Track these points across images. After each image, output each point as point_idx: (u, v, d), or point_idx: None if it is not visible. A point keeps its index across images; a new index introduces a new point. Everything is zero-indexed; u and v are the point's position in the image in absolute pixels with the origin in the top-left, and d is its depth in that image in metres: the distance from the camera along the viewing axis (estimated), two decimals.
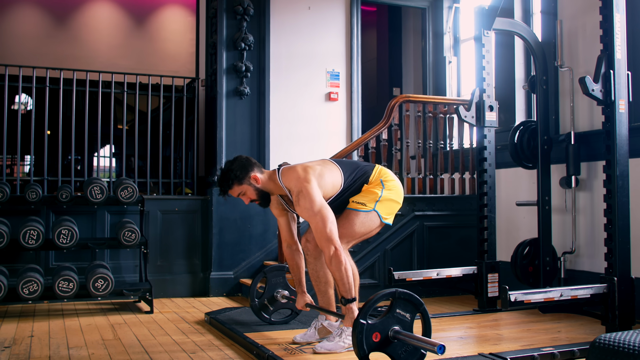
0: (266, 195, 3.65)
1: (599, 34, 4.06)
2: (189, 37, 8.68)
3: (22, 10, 8.98)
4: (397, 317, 2.95)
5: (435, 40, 7.24)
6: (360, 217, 3.57)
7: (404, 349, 2.95)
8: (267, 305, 4.27)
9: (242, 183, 3.59)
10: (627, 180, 3.96)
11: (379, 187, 3.63)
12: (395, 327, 2.93)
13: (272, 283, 4.26)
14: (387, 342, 2.92)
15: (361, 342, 2.88)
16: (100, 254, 5.82)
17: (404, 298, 2.97)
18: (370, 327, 2.90)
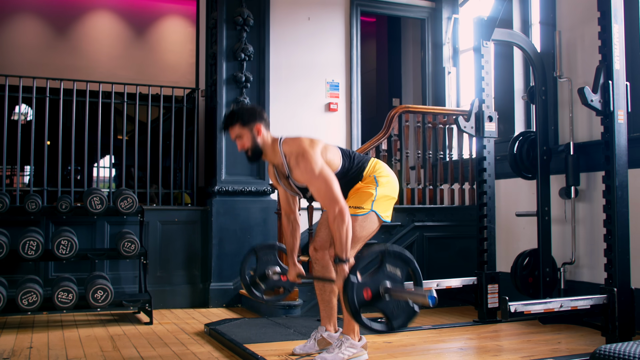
0: (258, 151, 3.58)
1: (598, 45, 4.07)
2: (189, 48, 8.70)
3: (23, 21, 9.02)
4: (387, 274, 2.96)
5: (435, 51, 7.26)
6: (359, 221, 3.54)
7: (395, 306, 2.96)
8: (258, 283, 4.09)
9: (244, 127, 3.53)
10: (626, 191, 3.96)
11: (373, 185, 3.58)
12: (386, 283, 2.94)
13: (263, 261, 4.09)
14: (378, 298, 2.93)
15: (352, 299, 2.89)
16: (100, 265, 5.82)
17: (394, 255, 2.98)
18: (361, 284, 2.91)
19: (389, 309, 2.95)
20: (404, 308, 2.96)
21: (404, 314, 2.97)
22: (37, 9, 9.06)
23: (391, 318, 2.97)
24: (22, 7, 9.00)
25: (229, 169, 6.16)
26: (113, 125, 6.20)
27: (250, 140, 3.55)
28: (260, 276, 4.03)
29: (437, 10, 7.22)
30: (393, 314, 2.95)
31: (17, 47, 8.79)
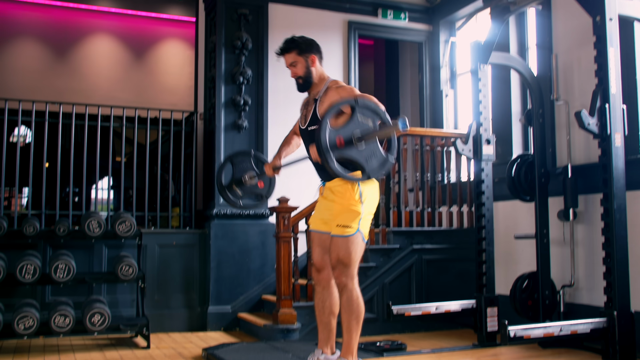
0: (309, 81, 3.69)
1: (594, 68, 4.10)
2: (188, 71, 8.75)
3: (23, 45, 9.09)
4: (358, 123, 3.07)
5: (432, 74, 7.30)
6: (351, 241, 3.51)
7: (370, 154, 3.07)
8: (234, 189, 4.07)
9: (300, 55, 3.65)
10: (624, 214, 3.96)
11: (359, 202, 3.53)
12: (357, 132, 3.05)
13: (239, 167, 4.08)
14: (351, 144, 3.04)
15: (325, 144, 3.00)
16: (97, 288, 5.78)
17: (363, 106, 3.10)
18: (333, 132, 3.02)
19: (363, 157, 3.06)
20: (379, 157, 3.10)
21: (378, 162, 3.10)
22: (37, 33, 9.14)
23: (365, 166, 3.09)
24: (23, 31, 9.08)
25: None
26: (112, 147, 6.21)
27: (304, 69, 3.67)
28: (236, 181, 4.04)
29: (434, 34, 7.27)
30: (367, 162, 3.07)
31: (17, 70, 8.85)
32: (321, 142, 2.98)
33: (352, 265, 3.52)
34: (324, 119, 3.04)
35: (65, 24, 9.31)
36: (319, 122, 3.50)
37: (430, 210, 5.91)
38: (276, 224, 5.32)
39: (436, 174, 5.96)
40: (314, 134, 3.53)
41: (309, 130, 3.65)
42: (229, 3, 6.32)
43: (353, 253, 3.51)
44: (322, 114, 3.51)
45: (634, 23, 4.61)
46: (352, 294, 3.49)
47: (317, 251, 3.75)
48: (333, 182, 3.59)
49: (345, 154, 3.04)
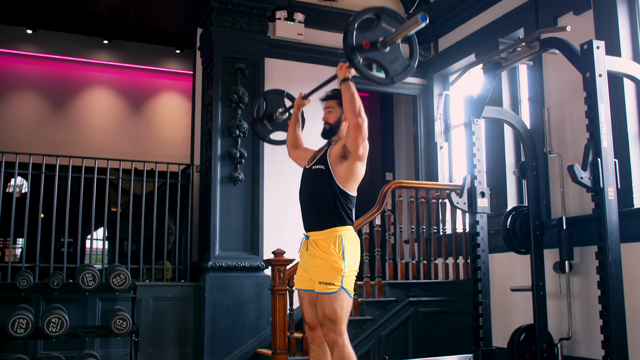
0: (335, 130, 3.79)
1: (585, 122, 4.16)
2: (185, 123, 8.84)
3: (21, 97, 9.18)
4: (384, 30, 3.22)
5: (427, 126, 7.38)
6: (336, 298, 3.47)
7: (393, 58, 3.23)
8: (265, 124, 4.19)
9: (339, 105, 3.74)
10: (620, 267, 3.96)
11: (340, 258, 3.51)
12: (382, 37, 3.20)
13: (271, 104, 4.20)
14: (376, 48, 3.19)
15: (352, 44, 3.13)
16: (90, 343, 5.71)
17: (389, 14, 3.25)
18: (360, 34, 3.16)
19: (387, 61, 3.21)
20: (402, 62, 3.25)
21: (401, 67, 3.25)
22: (35, 85, 9.24)
23: (389, 69, 3.24)
24: (21, 83, 9.19)
25: (223, 244, 6.15)
26: (107, 198, 6.22)
27: (336, 118, 3.78)
28: (267, 117, 4.19)
29: (428, 87, 7.39)
30: (391, 65, 3.22)
31: (15, 122, 8.92)
32: (348, 41, 3.14)
33: (339, 322, 3.46)
34: (351, 23, 3.17)
35: (63, 77, 9.43)
36: (324, 163, 3.64)
37: (426, 262, 5.90)
38: (272, 277, 5.30)
39: (431, 226, 5.97)
40: (316, 174, 3.65)
41: (312, 169, 3.70)
42: (226, 57, 6.43)
43: (339, 310, 3.47)
44: (329, 155, 3.64)
45: (623, 78, 4.70)
46: (343, 351, 3.43)
47: (308, 309, 3.71)
48: (317, 234, 3.58)
49: (369, 56, 3.19)
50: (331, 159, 3.62)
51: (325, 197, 3.59)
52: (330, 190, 3.59)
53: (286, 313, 5.20)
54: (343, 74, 3.42)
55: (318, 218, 3.60)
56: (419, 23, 3.01)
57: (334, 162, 3.61)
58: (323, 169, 3.63)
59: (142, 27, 9.27)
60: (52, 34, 9.31)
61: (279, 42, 6.77)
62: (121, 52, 9.79)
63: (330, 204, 3.58)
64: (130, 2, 8.49)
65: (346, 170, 3.59)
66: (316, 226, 3.61)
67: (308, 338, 3.76)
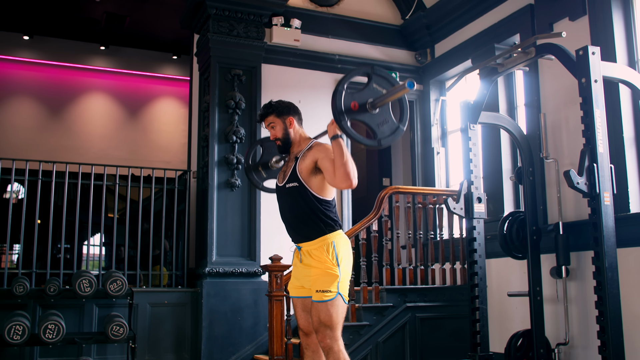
0: (288, 142, 3.72)
1: (581, 127, 4.17)
2: (182, 129, 8.85)
3: (18, 103, 9.18)
4: (374, 91, 3.17)
5: (424, 132, 7.39)
6: (332, 305, 3.47)
7: (382, 121, 3.17)
8: (260, 171, 4.14)
9: (278, 117, 3.72)
10: (616, 272, 3.97)
11: (335, 265, 3.50)
12: (372, 98, 3.15)
13: (268, 152, 4.14)
14: (365, 110, 3.13)
15: (340, 107, 3.07)
16: (87, 349, 5.69)
17: (380, 75, 3.20)
18: (349, 95, 3.11)
19: (375, 123, 3.15)
20: (390, 125, 3.19)
21: (389, 129, 3.19)
22: (32, 91, 9.25)
23: (377, 132, 3.17)
24: (17, 90, 9.19)
25: (220, 250, 6.15)
26: (104, 204, 6.21)
27: (282, 130, 3.72)
28: (262, 164, 4.12)
29: (425, 93, 7.41)
30: (379, 128, 3.16)
31: (11, 128, 8.92)
32: (336, 104, 3.10)
33: (334, 328, 3.46)
34: (341, 83, 3.13)
35: (60, 83, 9.44)
36: (297, 179, 3.56)
37: (423, 268, 5.90)
38: (269, 283, 5.29)
39: (428, 231, 5.97)
40: (291, 191, 3.60)
41: (286, 187, 3.64)
42: (223, 64, 6.44)
43: (334, 315, 3.46)
44: (300, 171, 3.56)
45: (619, 84, 4.72)
46: (338, 356, 3.42)
47: (302, 315, 3.70)
48: (309, 244, 3.57)
49: (358, 118, 3.15)
50: (303, 175, 3.57)
51: (307, 210, 3.57)
52: (310, 203, 3.56)
53: (283, 319, 5.19)
54: (333, 130, 3.35)
55: (306, 231, 3.59)
56: (406, 89, 2.98)
57: (306, 177, 3.57)
58: (297, 185, 3.59)
59: (139, 33, 9.29)
60: (48, 40, 9.32)
61: (275, 48, 6.79)
62: (118, 58, 9.80)
63: (314, 216, 3.56)
64: (127, 8, 8.50)
65: (320, 182, 3.57)
66: (306, 238, 3.59)
67: (302, 344, 3.75)
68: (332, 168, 3.41)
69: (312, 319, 3.52)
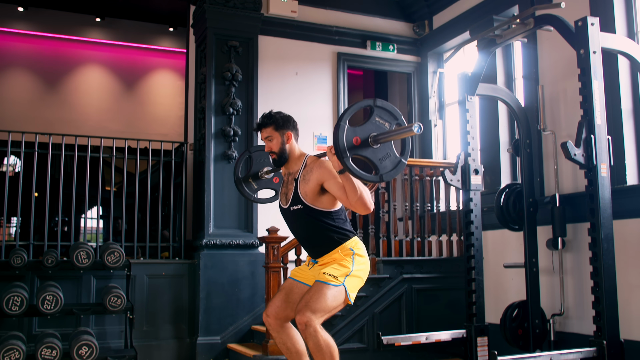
0: (284, 157, 3.63)
1: (579, 99, 4.16)
2: (178, 101, 8.80)
3: (13, 75, 9.10)
4: (376, 125, 3.10)
5: (421, 104, 7.37)
6: (332, 290, 3.40)
7: (384, 155, 3.10)
8: (250, 182, 4.09)
9: (277, 130, 3.63)
10: (612, 243, 3.99)
11: (350, 260, 3.50)
12: (374, 133, 3.08)
13: (257, 162, 4.09)
14: (367, 145, 3.07)
15: (342, 144, 3.01)
16: (85, 320, 5.73)
17: (382, 107, 3.14)
18: (351, 131, 3.03)
19: (377, 158, 3.09)
20: (392, 159, 3.12)
21: (391, 164, 3.12)
22: (28, 64, 9.16)
23: (379, 167, 3.11)
24: (13, 62, 9.10)
25: (217, 222, 6.16)
26: (101, 177, 6.20)
27: (279, 145, 3.63)
28: (252, 175, 4.08)
29: (422, 65, 7.37)
30: (381, 163, 3.09)
31: (7, 100, 8.85)
32: (339, 141, 3.03)
33: (317, 311, 3.35)
34: (341, 119, 3.06)
35: (56, 55, 9.35)
36: (300, 202, 3.50)
37: (419, 240, 5.93)
38: (266, 254, 5.32)
39: (425, 204, 5.99)
40: (298, 213, 3.54)
41: (292, 210, 3.59)
42: (219, 35, 6.39)
43: (327, 301, 3.38)
44: (305, 195, 3.49)
45: (618, 55, 4.70)
46: (317, 337, 3.32)
47: (280, 297, 3.64)
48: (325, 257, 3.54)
49: (360, 153, 3.09)
50: (308, 199, 3.51)
51: (318, 228, 3.53)
52: (320, 221, 3.53)
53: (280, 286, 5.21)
54: (337, 164, 3.20)
55: (320, 247, 3.56)
56: (412, 132, 2.92)
57: (312, 200, 3.51)
58: (302, 208, 3.54)
59: (135, 4, 9.18)
60: (43, 11, 9.21)
61: (272, 19, 6.73)
62: (114, 30, 9.70)
63: (326, 231, 3.53)
64: None
65: (328, 199, 3.52)
66: (322, 253, 3.56)
67: (266, 325, 3.68)
68: (342, 193, 3.35)
69: (303, 297, 3.42)
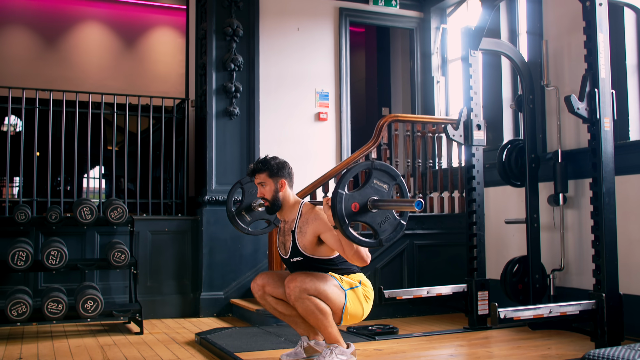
0: (277, 205, 3.66)
1: (584, 54, 4.12)
2: (179, 59, 8.72)
3: (12, 32, 9.01)
4: (374, 188, 3.08)
5: (424, 61, 7.31)
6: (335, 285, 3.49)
7: (383, 219, 3.07)
8: (243, 215, 4.11)
9: (270, 177, 3.65)
10: (613, 197, 4.00)
11: (356, 283, 3.59)
12: (374, 197, 3.05)
13: (249, 193, 4.11)
14: (366, 210, 3.04)
15: (341, 212, 2.98)
16: (90, 275, 5.79)
17: (381, 169, 3.10)
18: (349, 197, 3.01)
19: (376, 222, 3.05)
20: (391, 221, 3.08)
21: (391, 226, 3.09)
22: (26, 21, 9.06)
23: (379, 231, 3.08)
24: (12, 19, 9.00)
25: (219, 178, 6.18)
26: (103, 135, 6.19)
27: (272, 192, 3.65)
28: (245, 208, 4.07)
29: (425, 21, 7.28)
30: (380, 227, 3.06)
31: (6, 58, 8.78)
32: (337, 211, 2.99)
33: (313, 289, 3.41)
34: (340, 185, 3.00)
35: (55, 12, 9.24)
36: (300, 254, 3.54)
37: (421, 196, 5.94)
38: None
39: (427, 160, 5.99)
40: (299, 264, 3.57)
41: (292, 262, 3.63)
42: None
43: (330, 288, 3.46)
44: (304, 248, 3.52)
45: (624, 8, 4.63)
46: (304, 301, 3.41)
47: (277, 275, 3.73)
48: None
49: (359, 219, 3.05)
50: (308, 251, 3.54)
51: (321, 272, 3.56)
52: (322, 268, 3.57)
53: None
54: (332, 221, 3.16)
55: None
56: (413, 209, 2.87)
57: (312, 251, 3.55)
58: (303, 259, 3.57)
59: None
60: None
61: None
62: None
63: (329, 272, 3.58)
64: None
65: (327, 248, 3.55)
66: None
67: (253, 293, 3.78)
68: (339, 246, 3.37)
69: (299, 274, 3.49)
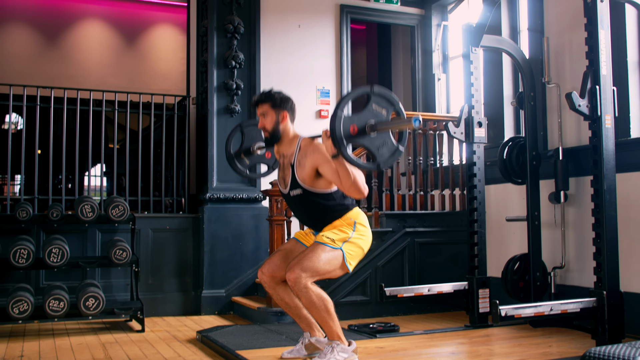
0: (277, 136, 3.63)
1: (585, 51, 4.11)
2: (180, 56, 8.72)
3: (13, 30, 9.01)
4: (373, 112, 3.08)
5: (425, 58, 7.30)
6: (327, 252, 3.46)
7: (381, 143, 3.08)
8: (242, 158, 4.08)
9: (273, 108, 3.62)
10: (614, 195, 3.99)
11: (350, 228, 3.56)
12: (371, 120, 3.05)
13: (249, 137, 4.07)
14: (364, 133, 3.04)
15: (339, 133, 2.99)
16: (91, 273, 5.80)
17: (380, 95, 3.10)
18: (348, 119, 3.02)
19: (374, 146, 3.07)
20: (389, 146, 3.10)
21: (388, 151, 3.11)
22: (28, 18, 9.06)
23: (377, 155, 3.09)
24: (13, 16, 9.00)
25: (221, 176, 6.18)
26: (104, 133, 6.19)
27: (273, 123, 3.62)
28: (244, 151, 4.05)
29: (426, 18, 7.27)
30: (378, 151, 3.08)
31: (7, 55, 8.78)
32: (336, 132, 2.99)
33: (309, 270, 3.39)
34: (338, 107, 3.01)
35: (56, 9, 9.23)
36: (300, 187, 3.53)
37: (422, 194, 5.94)
38: (269, 208, 5.34)
39: (428, 158, 5.98)
40: (299, 198, 3.57)
41: (292, 196, 3.63)
42: None
43: (321, 262, 3.43)
44: (303, 180, 3.52)
45: (625, 5, 4.62)
46: (308, 293, 3.40)
47: (279, 256, 3.72)
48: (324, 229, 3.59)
49: (357, 142, 3.06)
50: (307, 183, 3.54)
51: (319, 208, 3.58)
52: (320, 201, 3.57)
53: (284, 243, 5.26)
54: (331, 149, 3.20)
55: (322, 223, 3.61)
56: (411, 126, 2.88)
57: (310, 184, 3.54)
58: (302, 192, 3.57)
59: None
60: None
61: None
62: None
63: (327, 209, 3.58)
64: None
65: (325, 181, 3.54)
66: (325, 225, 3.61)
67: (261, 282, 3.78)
68: (337, 177, 3.36)
69: (297, 256, 3.50)
